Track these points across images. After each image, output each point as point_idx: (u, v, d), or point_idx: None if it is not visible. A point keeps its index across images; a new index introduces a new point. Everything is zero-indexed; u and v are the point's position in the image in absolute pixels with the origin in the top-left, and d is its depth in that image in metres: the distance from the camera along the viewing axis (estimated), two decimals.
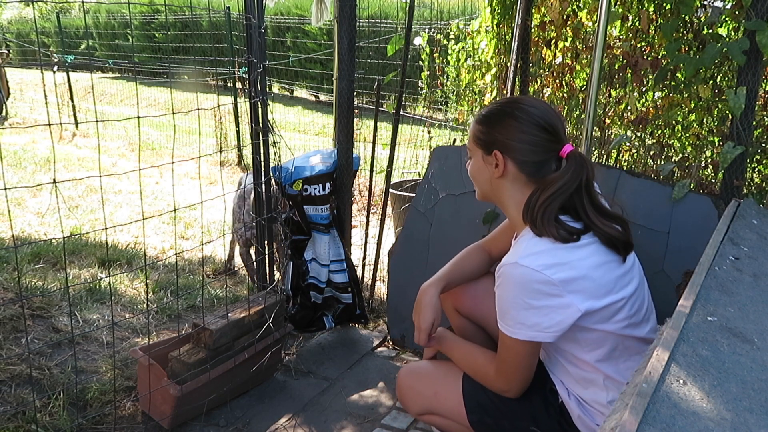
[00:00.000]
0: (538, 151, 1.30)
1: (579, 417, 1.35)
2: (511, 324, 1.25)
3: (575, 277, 1.21)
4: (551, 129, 1.30)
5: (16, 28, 19.99)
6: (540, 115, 1.30)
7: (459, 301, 1.70)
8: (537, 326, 1.23)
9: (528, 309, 1.22)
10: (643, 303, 1.33)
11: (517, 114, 1.31)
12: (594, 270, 1.23)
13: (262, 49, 2.08)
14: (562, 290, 1.20)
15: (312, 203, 2.43)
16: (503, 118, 1.32)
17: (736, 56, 1.72)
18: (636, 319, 1.29)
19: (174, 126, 5.94)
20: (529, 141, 1.29)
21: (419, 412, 1.57)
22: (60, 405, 1.96)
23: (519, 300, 1.23)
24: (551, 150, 1.30)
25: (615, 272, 1.26)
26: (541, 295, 1.20)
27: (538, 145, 1.29)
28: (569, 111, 2.49)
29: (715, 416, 0.79)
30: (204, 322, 1.98)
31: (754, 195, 2.05)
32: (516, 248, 1.28)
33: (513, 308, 1.24)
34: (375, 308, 2.85)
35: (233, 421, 2.01)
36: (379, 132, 2.85)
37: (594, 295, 1.23)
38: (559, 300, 1.20)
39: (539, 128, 1.29)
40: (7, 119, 8.74)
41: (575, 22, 2.37)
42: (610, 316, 1.26)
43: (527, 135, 1.29)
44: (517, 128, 1.30)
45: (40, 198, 4.63)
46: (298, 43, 11.63)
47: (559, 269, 1.20)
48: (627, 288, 1.27)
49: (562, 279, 1.19)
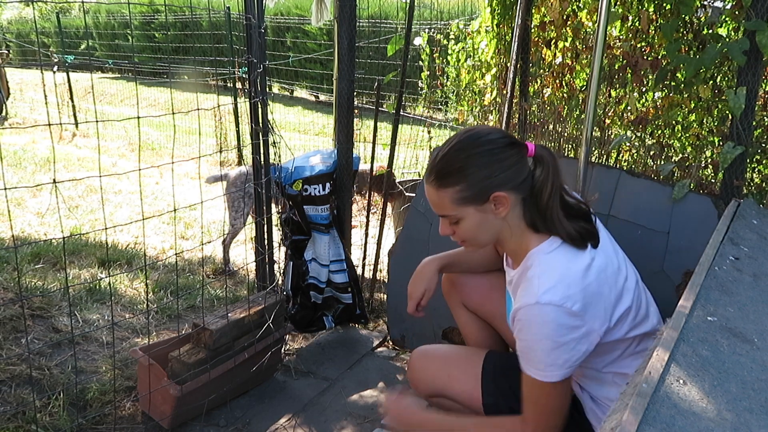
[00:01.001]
0: (521, 167, 1.24)
1: (591, 410, 1.36)
2: (542, 368, 1.18)
3: (590, 301, 1.17)
4: (514, 140, 1.25)
5: (16, 28, 19.99)
6: (499, 136, 1.25)
7: (466, 295, 1.70)
8: (567, 362, 1.17)
9: (557, 348, 1.16)
10: (641, 297, 1.31)
11: (484, 148, 1.23)
12: (599, 289, 1.20)
13: (262, 49, 2.08)
14: (582, 319, 1.16)
15: (312, 203, 2.43)
16: (474, 160, 1.22)
17: (736, 56, 1.72)
18: (639, 318, 1.29)
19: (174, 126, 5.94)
20: (511, 164, 1.23)
21: (430, 394, 1.56)
22: (60, 405, 1.96)
23: (546, 342, 1.17)
24: (524, 159, 1.25)
25: (616, 278, 1.24)
26: (566, 330, 1.15)
27: (517, 161, 1.24)
28: (569, 111, 2.49)
29: (715, 416, 0.78)
30: (204, 322, 1.98)
31: (754, 195, 2.05)
32: (530, 286, 1.20)
33: (542, 351, 1.18)
34: (375, 308, 2.85)
35: (233, 421, 2.00)
36: (379, 132, 2.85)
37: (607, 312, 1.21)
38: (581, 330, 1.17)
39: (509, 147, 1.24)
40: (7, 119, 8.74)
41: (575, 23, 2.37)
42: (618, 326, 1.25)
43: (507, 160, 1.23)
44: (495, 160, 1.22)
45: (40, 198, 4.62)
46: (298, 43, 11.63)
47: (576, 298, 1.15)
48: (629, 292, 1.25)
49: (581, 307, 1.16)
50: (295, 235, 2.49)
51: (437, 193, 1.27)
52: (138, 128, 2.20)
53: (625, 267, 1.30)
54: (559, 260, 1.20)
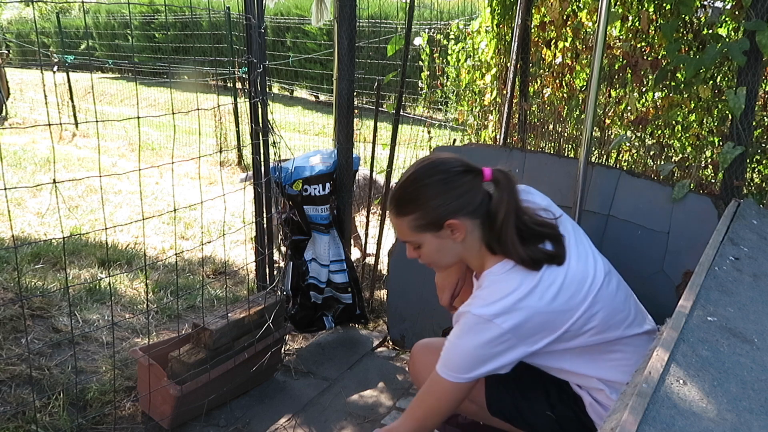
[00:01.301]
0: (475, 193, 1.28)
1: (591, 404, 1.37)
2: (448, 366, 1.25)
3: (524, 321, 1.20)
4: (467, 167, 1.29)
5: (16, 28, 19.99)
6: (453, 164, 1.29)
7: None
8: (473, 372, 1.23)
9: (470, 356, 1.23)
10: (615, 305, 1.31)
11: (436, 178, 1.28)
12: (544, 308, 1.22)
13: (262, 49, 2.08)
14: (510, 336, 1.20)
15: (312, 203, 2.43)
16: (427, 190, 1.28)
17: (736, 56, 1.72)
18: (608, 324, 1.28)
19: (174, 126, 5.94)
20: (464, 191, 1.27)
21: None
22: (60, 405, 1.95)
23: (465, 347, 1.23)
24: (479, 184, 1.29)
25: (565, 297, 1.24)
26: (489, 344, 1.21)
27: (471, 188, 1.28)
28: (569, 111, 2.49)
29: (715, 416, 0.78)
30: (204, 322, 1.98)
31: (754, 195, 2.05)
32: (472, 297, 1.28)
33: (456, 353, 1.25)
34: (375, 308, 2.85)
35: (233, 422, 2.00)
36: (379, 132, 2.85)
37: (544, 332, 1.23)
38: (505, 345, 1.21)
39: (462, 174, 1.28)
40: (7, 119, 8.74)
41: (575, 23, 2.37)
42: (574, 337, 1.27)
43: (459, 188, 1.27)
44: (446, 189, 1.27)
45: (40, 198, 4.62)
46: (298, 44, 11.63)
47: (508, 317, 1.20)
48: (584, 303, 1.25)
49: (511, 326, 1.20)
50: (295, 235, 2.49)
51: (396, 221, 1.34)
52: (138, 128, 2.20)
53: (601, 278, 1.30)
54: (504, 281, 1.24)
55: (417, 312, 2.41)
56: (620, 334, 1.30)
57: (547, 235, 1.28)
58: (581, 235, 1.37)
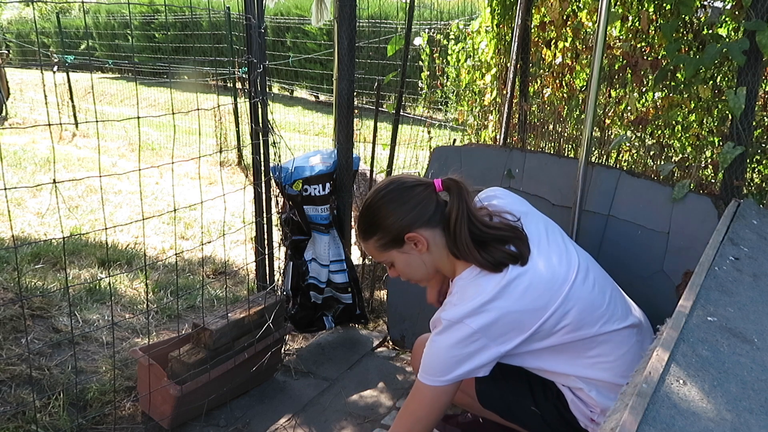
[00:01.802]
0: (428, 203, 1.33)
1: (573, 401, 1.38)
2: (428, 372, 1.28)
3: (492, 321, 1.22)
4: (415, 182, 1.34)
5: (16, 28, 19.99)
6: (398, 183, 1.34)
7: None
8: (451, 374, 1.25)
9: (447, 359, 1.25)
10: (590, 301, 1.30)
11: (386, 198, 1.34)
12: (511, 307, 1.23)
13: (262, 49, 2.08)
14: (480, 335, 1.22)
15: (312, 203, 2.43)
16: (380, 212, 1.34)
17: (736, 56, 1.72)
18: (582, 322, 1.28)
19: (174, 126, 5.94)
20: (415, 203, 1.32)
21: None
22: (60, 405, 1.96)
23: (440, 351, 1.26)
24: (431, 194, 1.34)
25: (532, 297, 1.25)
26: (461, 344, 1.23)
27: (422, 199, 1.33)
28: (569, 111, 2.49)
29: (715, 416, 0.79)
30: (204, 322, 1.98)
31: (754, 195, 2.05)
32: (444, 305, 1.31)
33: (433, 358, 1.27)
34: (375, 308, 2.85)
35: (233, 422, 2.01)
36: (379, 132, 2.85)
37: (514, 332, 1.24)
38: (477, 344, 1.23)
39: (409, 189, 1.33)
40: (7, 119, 8.74)
41: (575, 23, 2.37)
42: (546, 336, 1.27)
43: (409, 201, 1.32)
44: (397, 206, 1.33)
45: (40, 198, 4.62)
46: (298, 44, 11.63)
47: (476, 318, 1.22)
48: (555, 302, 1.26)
49: (480, 325, 1.22)
50: (295, 235, 2.49)
51: (364, 245, 1.41)
52: (138, 128, 2.20)
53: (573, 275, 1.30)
54: (472, 286, 1.27)
55: (417, 312, 2.41)
56: (596, 331, 1.29)
57: (506, 237, 1.30)
58: (555, 233, 1.38)
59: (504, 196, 1.45)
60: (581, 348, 1.31)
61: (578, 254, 1.36)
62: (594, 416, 1.36)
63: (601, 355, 1.32)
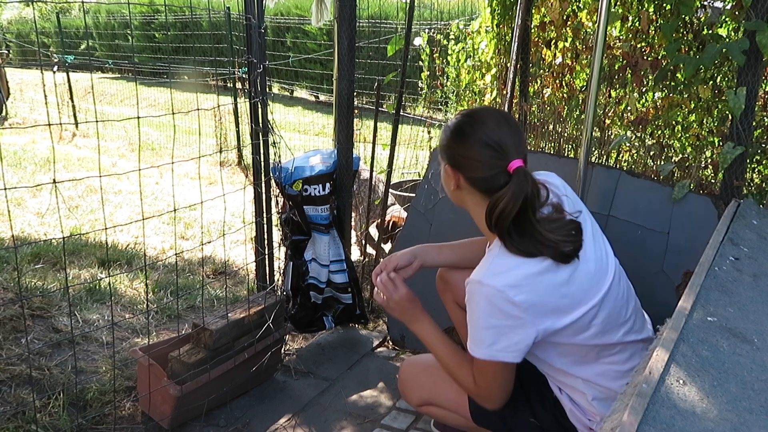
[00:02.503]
0: (482, 168, 1.30)
1: (571, 411, 1.38)
2: (471, 341, 1.28)
3: (535, 300, 1.21)
4: (496, 146, 1.29)
5: (16, 28, 19.98)
6: (487, 132, 1.30)
7: (458, 294, 1.71)
8: (494, 345, 1.24)
9: (487, 328, 1.24)
10: (618, 307, 1.31)
11: (465, 130, 1.32)
12: (553, 291, 1.23)
13: (262, 49, 2.08)
14: (522, 311, 1.21)
15: (312, 203, 2.43)
16: (455, 134, 1.34)
17: (736, 56, 1.72)
18: (608, 326, 1.29)
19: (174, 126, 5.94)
20: (474, 158, 1.30)
21: (419, 403, 1.59)
22: (60, 405, 1.96)
23: (479, 319, 1.25)
24: (497, 166, 1.29)
25: (576, 288, 1.25)
26: (500, 314, 1.22)
27: (483, 162, 1.29)
28: (569, 111, 2.49)
29: (715, 417, 0.79)
30: (204, 322, 1.98)
31: (753, 195, 2.05)
32: (481, 265, 1.29)
33: (474, 326, 1.26)
34: (375, 308, 2.85)
35: (233, 422, 2.01)
36: (379, 132, 2.85)
37: (553, 316, 1.23)
38: (517, 321, 1.21)
39: (484, 145, 1.29)
40: (7, 119, 8.74)
41: (575, 23, 2.37)
42: (577, 333, 1.27)
43: (472, 152, 1.30)
44: (463, 145, 1.32)
45: (40, 198, 4.62)
46: (298, 44, 11.63)
47: (520, 290, 1.21)
48: (594, 298, 1.26)
49: (523, 300, 1.20)
50: (295, 235, 2.49)
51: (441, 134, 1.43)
52: (138, 128, 2.20)
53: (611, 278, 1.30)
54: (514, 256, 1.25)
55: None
56: (618, 339, 1.30)
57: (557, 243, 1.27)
58: (598, 234, 1.38)
59: (562, 186, 1.43)
60: (600, 353, 1.31)
61: (614, 260, 1.37)
62: (593, 425, 1.35)
63: (615, 363, 1.32)
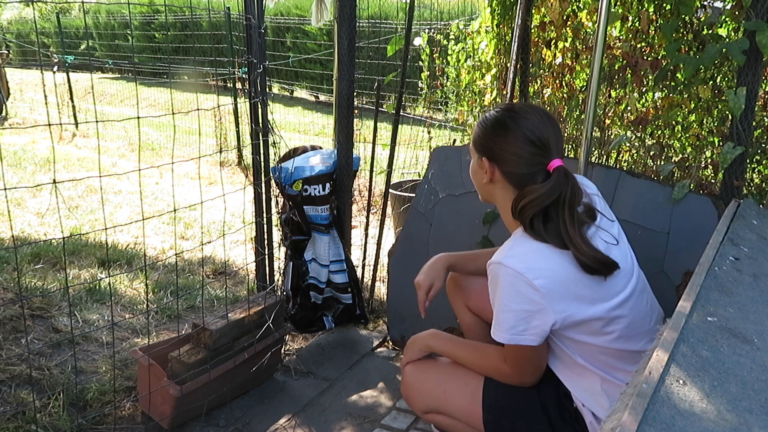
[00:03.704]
0: (522, 164, 1.29)
1: (591, 423, 1.35)
2: (494, 324, 1.28)
3: (555, 286, 1.21)
4: (539, 143, 1.28)
5: (16, 28, 19.98)
6: (531, 128, 1.29)
7: (470, 297, 1.72)
8: (513, 329, 1.24)
9: (506, 311, 1.24)
10: (641, 316, 1.32)
11: (508, 124, 1.31)
12: (575, 279, 1.23)
13: (262, 49, 2.08)
14: (541, 297, 1.20)
15: (312, 203, 2.43)
16: (496, 126, 1.33)
17: (736, 56, 1.72)
18: (631, 332, 1.29)
19: (174, 126, 5.94)
20: (515, 153, 1.29)
21: (425, 411, 1.54)
22: (60, 405, 1.96)
23: (502, 303, 1.24)
24: (537, 164, 1.29)
25: (597, 287, 1.25)
26: (520, 298, 1.21)
27: (524, 158, 1.29)
28: (569, 111, 2.49)
29: (715, 417, 0.78)
30: (204, 322, 1.98)
31: (753, 195, 2.05)
32: (503, 247, 1.29)
33: (496, 309, 1.27)
34: (375, 308, 2.85)
35: (233, 422, 2.00)
36: (379, 132, 2.85)
37: (575, 304, 1.23)
38: (536, 306, 1.21)
39: (527, 141, 1.28)
40: (7, 119, 8.74)
41: (575, 23, 2.37)
42: (600, 333, 1.26)
43: (514, 147, 1.29)
44: (505, 139, 1.30)
45: (40, 198, 4.62)
46: (298, 44, 11.63)
47: (539, 274, 1.20)
48: (617, 297, 1.26)
49: (543, 285, 1.20)
50: (295, 235, 2.49)
51: (475, 127, 1.42)
52: (138, 128, 2.20)
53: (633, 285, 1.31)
54: (538, 241, 1.25)
55: (417, 312, 2.40)
56: (641, 347, 1.29)
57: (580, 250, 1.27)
58: (624, 243, 1.37)
59: (596, 192, 1.44)
60: (624, 358, 1.31)
61: (639, 272, 1.37)
62: None
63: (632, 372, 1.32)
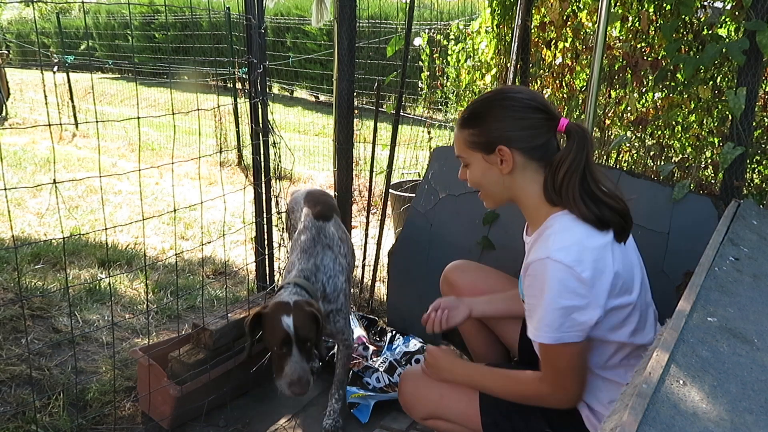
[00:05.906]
0: (540, 134, 1.27)
1: (587, 417, 1.36)
2: (538, 326, 1.22)
3: (597, 276, 1.19)
4: (543, 107, 1.28)
5: (16, 28, 19.97)
6: (529, 98, 1.28)
7: (461, 293, 1.73)
8: (562, 327, 1.20)
9: (556, 309, 1.19)
10: (646, 308, 1.33)
11: (507, 103, 1.29)
12: (611, 271, 1.21)
13: (262, 49, 2.08)
14: (588, 290, 1.18)
15: None
16: (494, 111, 1.29)
17: (736, 56, 1.72)
18: (641, 325, 1.29)
19: (174, 126, 5.93)
20: (529, 125, 1.27)
21: (424, 417, 1.53)
22: (60, 405, 1.96)
23: (548, 300, 1.19)
24: (551, 128, 1.28)
25: (625, 271, 1.25)
26: (570, 294, 1.18)
27: (538, 127, 1.27)
28: (569, 111, 2.49)
29: (715, 417, 0.79)
30: (204, 322, 1.98)
31: (753, 196, 2.05)
32: (545, 242, 1.23)
33: (542, 309, 1.21)
34: (375, 308, 2.85)
35: (233, 422, 2.00)
36: (379, 132, 2.85)
37: (609, 296, 1.21)
38: (584, 300, 1.18)
39: (533, 110, 1.27)
40: (7, 119, 8.74)
41: (575, 23, 2.37)
42: (617, 327, 1.26)
43: (525, 120, 1.27)
44: (512, 117, 1.27)
45: (40, 198, 4.62)
46: (298, 44, 11.63)
47: (587, 266, 1.17)
48: (636, 288, 1.27)
49: (590, 276, 1.17)
50: None
51: (457, 133, 1.35)
52: (138, 128, 2.20)
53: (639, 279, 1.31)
54: (578, 227, 1.22)
55: (417, 312, 2.41)
56: (649, 341, 1.29)
57: (616, 208, 1.25)
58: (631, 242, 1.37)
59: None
60: (629, 353, 1.31)
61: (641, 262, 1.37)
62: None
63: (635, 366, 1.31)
